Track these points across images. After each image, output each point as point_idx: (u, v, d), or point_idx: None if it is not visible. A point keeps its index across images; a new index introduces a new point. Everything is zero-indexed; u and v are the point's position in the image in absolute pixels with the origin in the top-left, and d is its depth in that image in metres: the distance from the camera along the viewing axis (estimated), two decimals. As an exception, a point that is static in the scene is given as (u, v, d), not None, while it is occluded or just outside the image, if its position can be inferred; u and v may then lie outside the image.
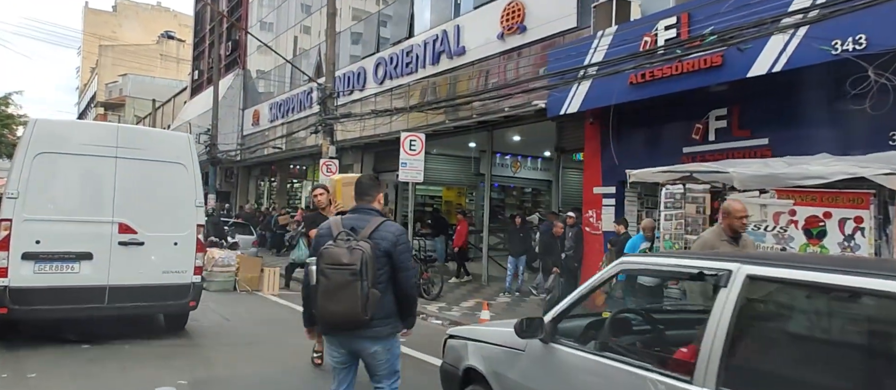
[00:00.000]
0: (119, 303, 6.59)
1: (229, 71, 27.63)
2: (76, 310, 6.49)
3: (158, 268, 6.75)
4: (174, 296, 6.89)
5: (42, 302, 6.26)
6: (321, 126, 15.69)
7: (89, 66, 71.65)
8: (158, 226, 6.76)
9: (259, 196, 28.06)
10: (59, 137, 6.61)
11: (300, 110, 21.38)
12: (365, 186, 3.46)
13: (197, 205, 7.06)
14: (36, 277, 6.23)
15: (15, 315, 6.20)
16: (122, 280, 6.55)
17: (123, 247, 6.58)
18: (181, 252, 6.89)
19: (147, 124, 45.13)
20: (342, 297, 3.04)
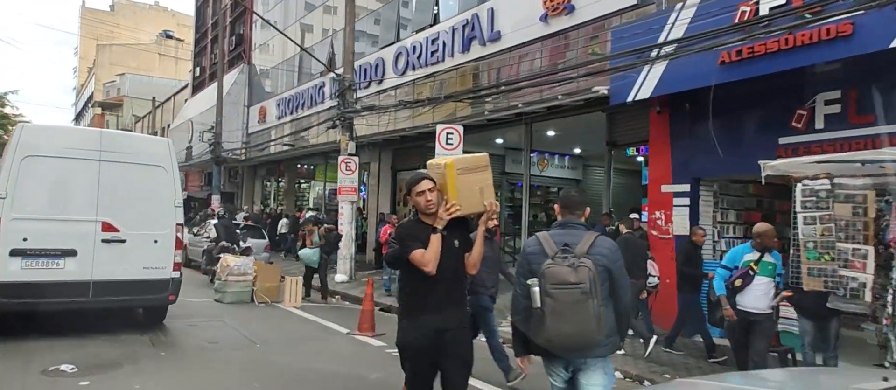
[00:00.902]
0: (102, 297, 6.97)
1: (233, 66, 26.29)
2: (62, 303, 6.88)
3: (139, 264, 7.13)
4: (154, 291, 7.29)
5: (29, 295, 6.59)
6: (339, 120, 14.39)
7: (86, 65, 70.35)
8: (139, 224, 7.17)
9: (265, 197, 26.72)
10: (45, 141, 6.98)
11: (311, 106, 20.05)
12: (573, 200, 3.40)
13: (176, 206, 7.47)
14: (23, 272, 6.58)
15: (3, 307, 6.53)
16: (106, 275, 6.92)
17: (106, 245, 6.96)
18: (161, 249, 7.29)
19: (146, 123, 43.82)
20: (575, 318, 2.98)
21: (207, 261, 13.10)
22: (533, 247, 3.25)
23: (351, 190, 14.34)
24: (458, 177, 3.38)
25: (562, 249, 3.10)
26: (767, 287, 4.91)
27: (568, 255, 3.05)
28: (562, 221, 3.35)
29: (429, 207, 3.34)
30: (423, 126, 13.98)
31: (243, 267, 10.08)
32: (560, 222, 3.36)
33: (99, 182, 7.00)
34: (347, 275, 13.97)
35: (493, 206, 3.37)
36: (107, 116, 55.35)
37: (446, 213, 3.31)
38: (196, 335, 7.35)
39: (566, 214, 3.35)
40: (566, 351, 3.13)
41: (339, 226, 14.32)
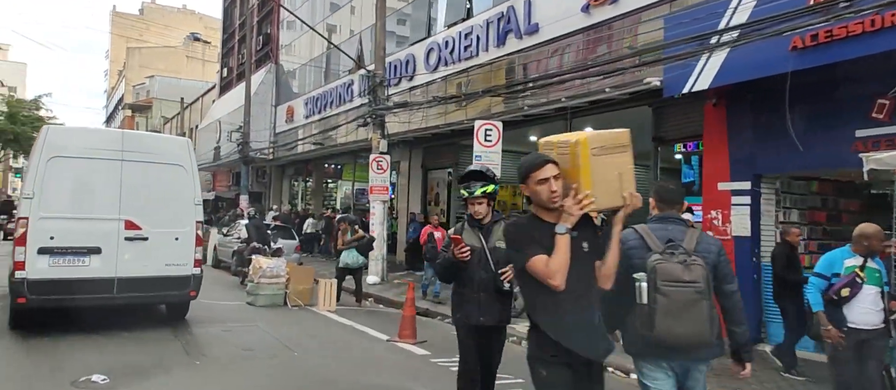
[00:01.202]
0: (126, 293, 7.09)
1: (260, 66, 26.10)
2: (88, 300, 6.99)
3: (161, 261, 7.24)
4: (176, 287, 7.40)
5: (57, 292, 6.74)
6: (371, 118, 13.98)
7: (117, 68, 71.42)
8: (161, 222, 7.29)
9: (293, 196, 26.48)
10: (70, 142, 7.17)
11: (339, 104, 19.71)
12: (674, 193, 3.23)
13: (195, 204, 7.59)
14: (51, 270, 6.73)
15: (32, 304, 6.72)
16: (129, 272, 7.04)
17: (129, 242, 7.10)
18: (182, 246, 7.42)
19: (175, 124, 44.11)
20: (689, 318, 2.76)
21: (238, 263, 12.79)
22: (633, 240, 3.02)
23: (383, 189, 13.92)
24: (594, 159, 2.55)
25: (668, 245, 2.91)
26: (876, 297, 4.25)
27: (676, 252, 2.87)
28: (660, 216, 3.16)
29: (553, 200, 2.56)
30: (457, 123, 13.51)
31: (276, 269, 9.71)
32: (658, 217, 3.16)
33: (121, 181, 7.15)
34: (379, 276, 13.57)
35: (635, 200, 2.63)
36: (136, 118, 55.99)
37: (578, 207, 2.52)
38: (230, 341, 6.97)
39: (664, 209, 3.17)
40: (677, 351, 2.89)
41: (371, 227, 13.93)
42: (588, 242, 2.65)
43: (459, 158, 16.22)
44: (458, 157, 16.16)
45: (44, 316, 7.07)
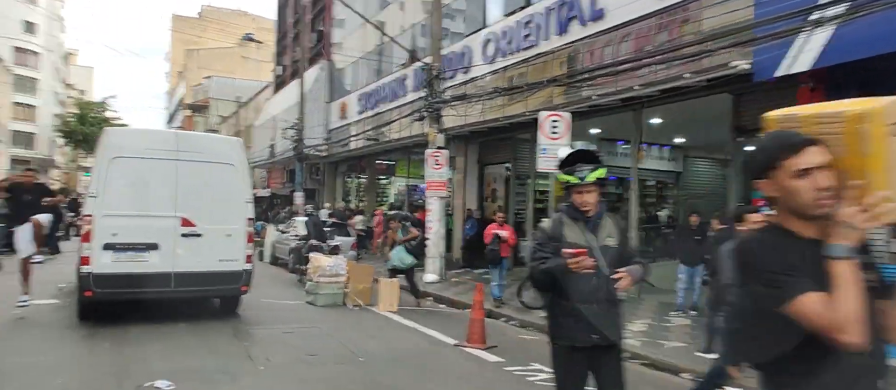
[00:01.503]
0: (183, 288, 7.40)
1: (314, 63, 26.16)
2: (147, 293, 7.31)
3: (215, 257, 7.47)
4: (229, 282, 7.63)
5: (119, 286, 7.07)
6: (427, 112, 13.59)
7: (177, 70, 73.73)
8: (214, 219, 7.51)
9: (346, 193, 26.45)
10: (129, 143, 7.53)
11: (393, 99, 19.42)
12: None
13: (246, 201, 7.82)
14: (114, 265, 7.03)
15: (97, 297, 7.06)
16: (185, 267, 7.31)
17: (185, 239, 7.37)
18: (234, 243, 7.64)
19: (230, 123, 45.04)
20: None
21: (296, 260, 12.63)
22: None
23: (440, 185, 13.51)
24: (893, 141, 1.63)
25: None
26: None
27: None
28: None
29: (821, 203, 1.64)
30: (516, 116, 12.94)
31: (335, 268, 9.42)
32: None
33: (177, 180, 7.41)
34: (437, 274, 13.17)
35: None
36: (195, 117, 57.50)
37: (865, 217, 1.58)
38: (293, 345, 6.68)
39: None
40: None
41: (428, 224, 13.55)
42: (866, 271, 1.64)
43: (517, 153, 15.66)
44: (515, 152, 15.61)
45: (109, 308, 7.39)
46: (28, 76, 52.91)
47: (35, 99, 54.10)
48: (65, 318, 7.58)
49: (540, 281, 3.17)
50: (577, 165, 3.09)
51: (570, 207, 3.14)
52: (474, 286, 12.26)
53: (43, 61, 55.79)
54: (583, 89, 11.39)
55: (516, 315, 9.09)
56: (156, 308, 8.11)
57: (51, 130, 52.34)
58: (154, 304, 8.04)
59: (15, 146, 49.66)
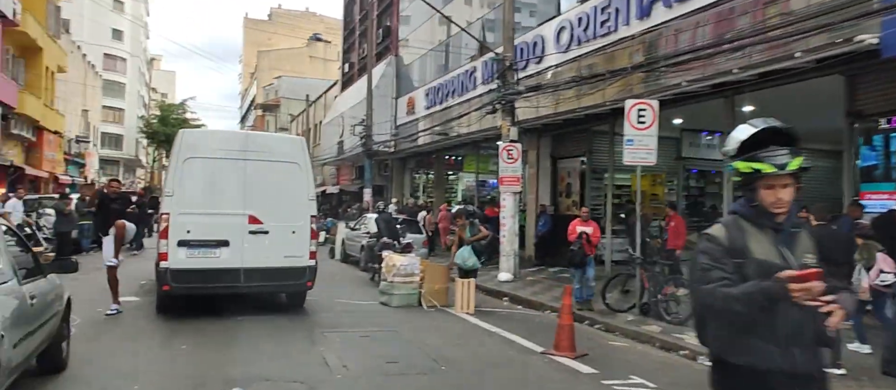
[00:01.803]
0: (251, 283, 7.63)
1: (381, 59, 26.06)
2: (219, 288, 7.70)
3: (281, 253, 7.65)
4: (294, 277, 7.83)
5: (193, 281, 7.40)
6: (500, 104, 13.03)
7: (249, 71, 76.18)
8: (279, 216, 7.69)
9: (414, 190, 26.26)
10: (201, 144, 7.85)
11: (461, 93, 18.94)
12: None
13: (309, 199, 7.98)
14: (188, 261, 7.33)
15: (174, 291, 7.39)
16: (253, 263, 7.54)
17: (253, 236, 7.57)
18: (298, 239, 7.78)
19: (299, 122, 45.96)
20: None
21: (368, 258, 12.40)
22: None
23: (514, 180, 12.94)
24: None
25: None
26: None
27: None
28: None
29: None
30: (596, 105, 12.19)
31: (410, 267, 9.05)
32: None
33: (245, 179, 7.63)
34: (511, 273, 12.62)
35: None
36: (266, 117, 59.13)
37: None
38: (372, 351, 6.33)
39: None
40: None
41: (501, 221, 13.02)
42: None
43: (593, 146, 14.85)
44: (591, 144, 14.80)
45: (185, 303, 7.72)
46: (116, 81, 55.95)
47: (122, 102, 57.21)
48: (144, 318, 7.58)
49: (723, 310, 2.18)
50: (769, 148, 2.19)
51: (753, 208, 2.24)
52: (550, 285, 11.80)
53: (129, 66, 58.87)
54: (665, 77, 10.54)
55: (600, 318, 8.44)
56: (233, 308, 8.03)
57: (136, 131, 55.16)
58: (231, 305, 8.05)
59: (105, 147, 52.68)
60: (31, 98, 23.89)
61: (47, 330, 4.24)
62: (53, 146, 28.00)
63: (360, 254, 14.14)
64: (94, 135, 45.30)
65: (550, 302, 9.97)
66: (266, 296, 9.40)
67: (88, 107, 38.95)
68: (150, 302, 8.68)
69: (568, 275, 13.37)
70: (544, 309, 9.66)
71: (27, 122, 24.38)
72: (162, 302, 7.72)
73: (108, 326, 7.12)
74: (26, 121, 24.24)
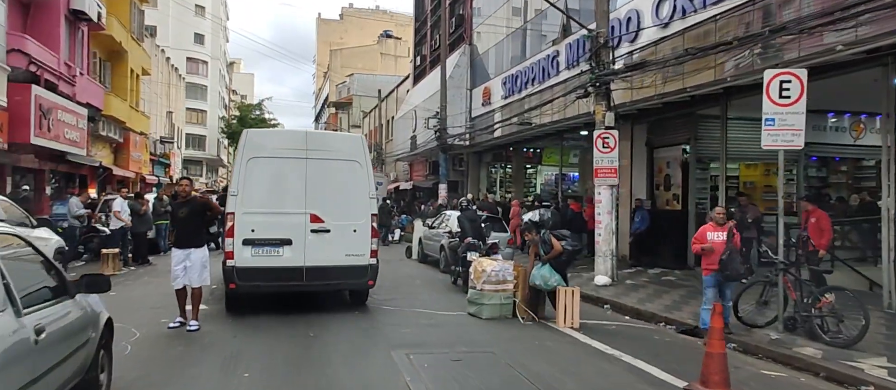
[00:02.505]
0: (314, 281, 7.55)
1: (454, 49, 24.90)
2: (283, 287, 7.69)
3: (342, 252, 7.57)
4: (355, 276, 7.73)
5: (258, 279, 7.39)
6: (593, 86, 11.53)
7: (322, 71, 77.30)
8: (340, 215, 7.62)
9: (491, 185, 24.99)
10: (263, 144, 7.81)
11: (542, 80, 17.47)
12: None
13: (370, 197, 7.84)
14: (253, 259, 7.33)
15: (240, 289, 7.43)
16: (315, 261, 7.46)
17: (315, 235, 7.51)
18: (359, 238, 7.68)
19: (372, 118, 45.69)
20: None
21: (451, 260, 11.24)
22: None
23: (610, 171, 11.43)
24: None
25: None
26: None
27: None
28: None
29: None
30: (706, 85, 10.49)
31: (502, 273, 7.79)
32: None
33: (306, 178, 7.57)
34: (609, 276, 11.14)
35: None
36: (339, 115, 59.57)
37: None
38: (466, 379, 5.14)
39: None
40: None
41: (597, 217, 11.54)
42: None
43: (698, 131, 13.04)
44: (696, 130, 13.00)
45: (251, 301, 7.79)
46: (198, 83, 57.88)
47: (204, 104, 59.16)
48: (210, 333, 6.73)
49: None
50: None
51: None
52: (657, 292, 10.22)
53: (210, 68, 60.82)
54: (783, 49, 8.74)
55: (734, 335, 6.84)
56: (304, 321, 7.11)
57: (217, 132, 56.86)
58: (302, 317, 7.31)
59: (189, 148, 54.58)
60: (116, 100, 24.36)
61: (70, 368, 3.31)
62: (139, 147, 28.67)
63: (439, 255, 13.04)
64: (179, 137, 46.81)
65: (662, 311, 8.45)
66: (339, 304, 8.50)
67: (172, 108, 40.12)
68: (219, 310, 7.91)
69: (673, 278, 11.84)
70: (657, 320, 8.17)
71: (114, 124, 24.92)
72: (230, 302, 7.83)
73: (168, 342, 6.31)
74: (113, 123, 24.77)
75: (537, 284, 7.70)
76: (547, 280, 7.59)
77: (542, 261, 7.73)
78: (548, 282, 7.59)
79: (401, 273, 12.56)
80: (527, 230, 8.23)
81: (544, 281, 7.60)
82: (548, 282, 7.59)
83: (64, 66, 18.60)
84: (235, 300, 7.74)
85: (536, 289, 7.75)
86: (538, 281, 7.65)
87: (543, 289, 7.68)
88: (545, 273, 7.63)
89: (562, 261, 7.73)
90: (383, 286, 9.56)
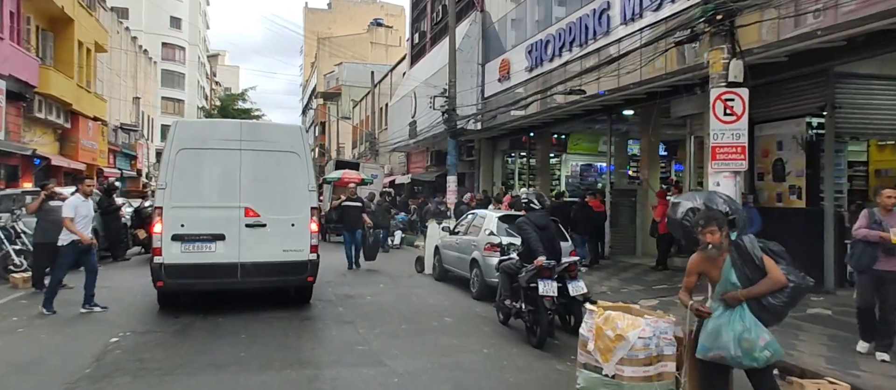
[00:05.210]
0: (249, 278, 7.28)
1: (461, 19, 20.76)
2: (216, 284, 7.38)
3: (279, 247, 7.32)
4: (294, 272, 7.45)
5: (189, 276, 7.10)
6: (708, 23, 7.50)
7: (310, 61, 73.36)
8: (277, 209, 7.38)
9: (506, 177, 20.93)
10: (196, 135, 7.58)
11: (583, 42, 13.43)
12: None
13: (309, 190, 7.57)
14: (183, 255, 7.04)
15: (169, 287, 7.18)
16: (251, 257, 7.22)
17: (250, 229, 7.26)
18: (298, 232, 7.41)
19: (362, 106, 41.64)
20: None
21: (504, 289, 6.96)
22: None
23: (735, 150, 7.44)
24: None
25: None
26: None
27: None
28: None
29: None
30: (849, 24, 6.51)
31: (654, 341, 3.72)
32: None
33: (240, 170, 7.26)
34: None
35: None
36: (328, 105, 55.69)
37: None
38: None
39: None
40: None
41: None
42: None
43: (837, 94, 9.08)
44: (832, 92, 9.01)
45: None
46: (175, 70, 53.23)
47: (182, 93, 54.50)
48: None
49: None
50: None
51: None
52: (824, 337, 6.27)
53: (188, 55, 56.18)
54: None
55: None
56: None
57: (196, 123, 52.29)
58: None
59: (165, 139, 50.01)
60: (58, 76, 19.95)
61: None
62: (93, 134, 24.24)
63: (470, 274, 8.97)
64: (150, 126, 42.24)
65: (840, 369, 4.54)
66: None
67: (140, 94, 35.52)
68: None
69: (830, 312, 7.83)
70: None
71: (56, 105, 20.49)
72: (161, 300, 7.52)
73: None
74: (55, 104, 20.36)
75: (726, 355, 3.57)
76: (751, 346, 3.50)
77: (729, 300, 3.69)
78: (754, 351, 3.51)
79: (418, 302, 8.56)
80: (704, 226, 3.93)
81: (744, 348, 3.53)
82: (754, 353, 3.51)
83: (-32, 23, 14.27)
84: (166, 301, 7.49)
85: (721, 365, 3.68)
86: (731, 348, 3.54)
87: (742, 364, 3.62)
88: (743, 328, 3.55)
89: (775, 306, 3.65)
90: (399, 332, 6.38)
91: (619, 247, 14.39)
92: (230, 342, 6.08)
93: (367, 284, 9.97)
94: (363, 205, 12.51)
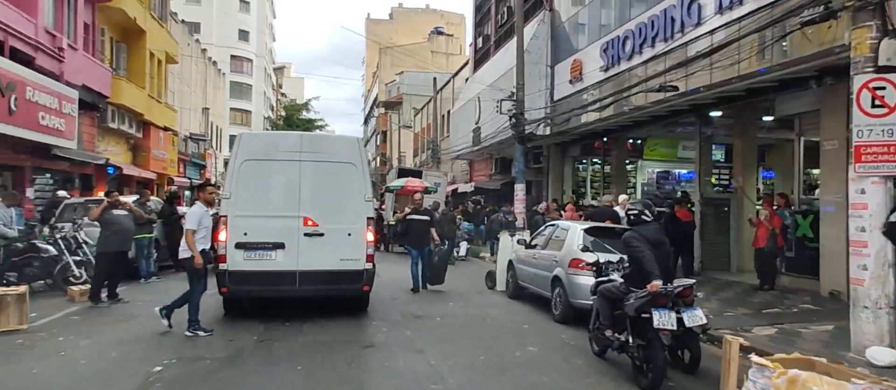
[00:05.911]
0: (307, 286, 7.36)
1: (529, 19, 19.66)
2: (275, 291, 7.49)
3: (336, 256, 7.38)
4: (350, 281, 7.47)
5: (250, 283, 7.26)
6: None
7: (372, 71, 74.08)
8: (335, 218, 7.44)
9: (577, 185, 19.61)
10: (259, 147, 7.76)
11: (671, 35, 12.07)
12: None
13: (366, 200, 7.62)
14: (245, 263, 7.18)
15: (232, 294, 7.36)
16: (309, 266, 7.28)
17: (308, 238, 7.34)
18: (354, 242, 7.46)
19: (424, 114, 41.14)
20: None
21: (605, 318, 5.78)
22: None
23: (889, 150, 6.05)
24: None
25: None
26: None
27: None
28: None
29: None
30: None
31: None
32: None
33: (300, 180, 7.40)
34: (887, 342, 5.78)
35: None
36: (389, 114, 55.75)
37: None
38: None
39: None
40: None
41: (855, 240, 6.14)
42: None
43: None
44: None
45: None
46: (243, 82, 54.63)
47: (249, 104, 55.87)
48: None
49: None
50: None
51: None
52: None
53: (255, 67, 57.64)
54: None
55: None
56: None
57: (263, 133, 53.42)
58: None
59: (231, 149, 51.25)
60: (130, 87, 20.26)
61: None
62: (164, 144, 24.65)
63: (551, 293, 7.88)
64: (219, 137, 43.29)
65: None
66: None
67: (209, 105, 36.31)
68: None
69: None
70: None
71: (129, 115, 20.82)
72: (227, 303, 7.64)
73: None
74: (127, 114, 20.67)
75: None
76: None
77: None
78: None
79: (494, 326, 7.55)
80: None
81: None
82: None
83: (44, 34, 14.38)
84: (231, 308, 7.65)
85: None
86: None
87: None
88: None
89: None
90: (477, 365, 5.55)
91: (710, 262, 12.90)
92: (284, 372, 5.27)
93: (436, 302, 9.05)
94: (432, 219, 10.92)
